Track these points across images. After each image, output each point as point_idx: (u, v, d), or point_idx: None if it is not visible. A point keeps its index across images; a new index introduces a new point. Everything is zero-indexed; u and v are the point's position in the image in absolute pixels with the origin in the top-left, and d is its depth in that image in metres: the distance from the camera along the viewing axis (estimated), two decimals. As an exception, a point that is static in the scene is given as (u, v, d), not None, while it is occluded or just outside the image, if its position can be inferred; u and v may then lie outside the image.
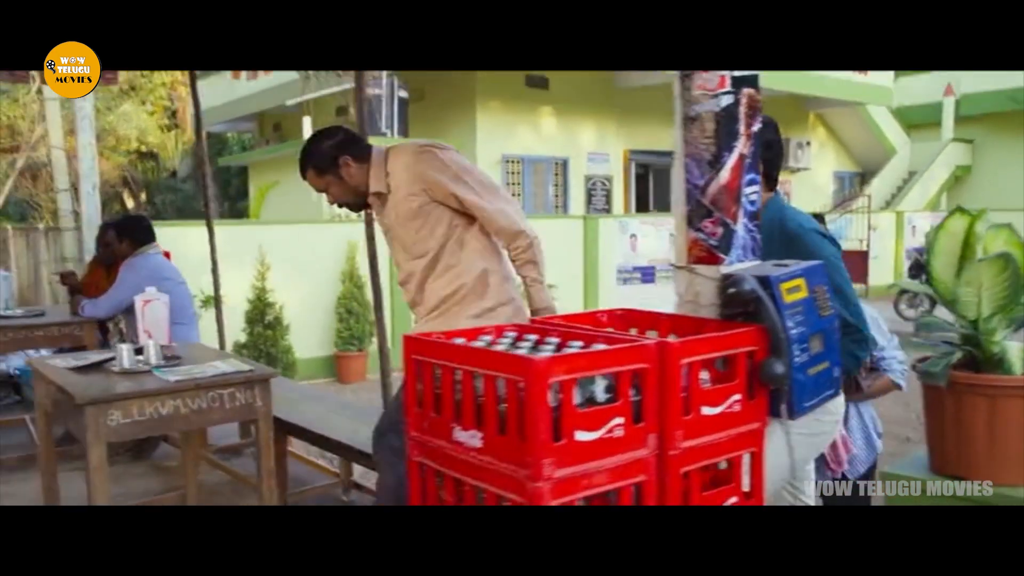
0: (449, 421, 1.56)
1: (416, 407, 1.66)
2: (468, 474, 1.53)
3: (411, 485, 1.70)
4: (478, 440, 1.50)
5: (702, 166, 1.81)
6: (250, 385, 2.70)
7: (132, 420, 2.50)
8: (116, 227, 4.30)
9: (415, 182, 2.52)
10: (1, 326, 3.99)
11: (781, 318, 1.68)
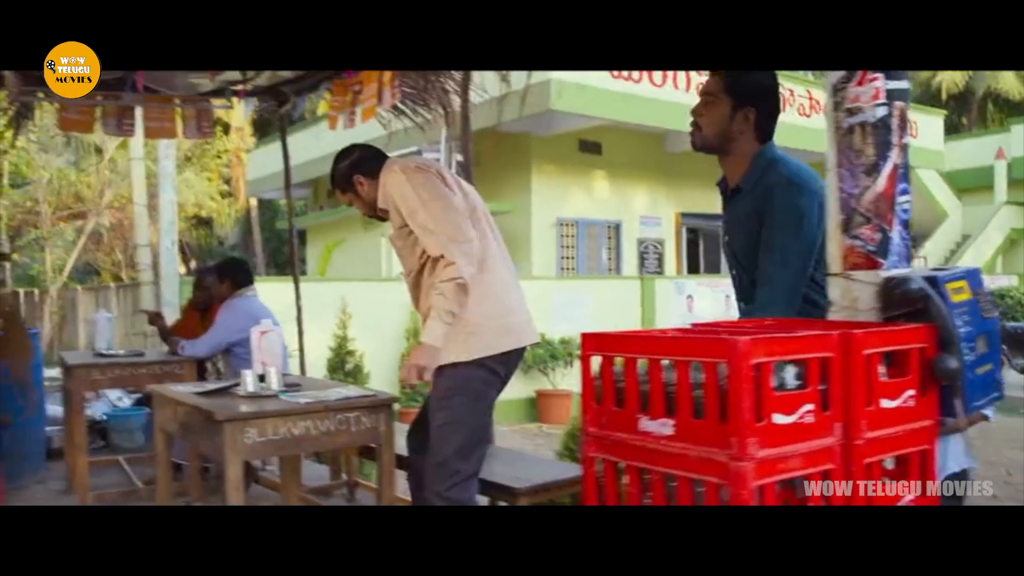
0: (634, 413, 1.60)
1: (594, 403, 1.71)
2: (656, 463, 1.56)
3: (587, 482, 1.73)
4: (669, 428, 1.53)
5: (856, 175, 1.87)
6: (375, 410, 2.76)
7: (266, 439, 2.56)
8: (217, 269, 4.46)
9: (391, 203, 2.71)
10: (108, 364, 4.12)
11: (950, 316, 1.71)
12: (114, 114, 4.89)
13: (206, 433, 2.64)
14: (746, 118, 2.19)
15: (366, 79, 4.18)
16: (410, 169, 2.72)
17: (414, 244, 2.69)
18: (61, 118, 4.80)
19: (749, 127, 2.20)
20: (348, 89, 4.40)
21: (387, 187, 2.73)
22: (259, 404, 2.73)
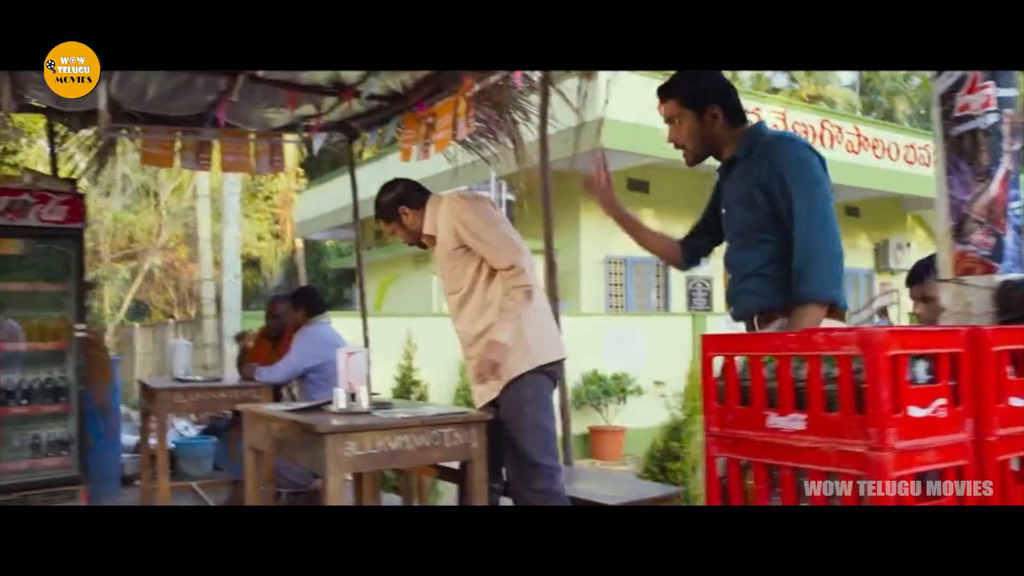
0: (762, 410, 1.63)
1: (716, 403, 1.73)
2: (786, 458, 1.58)
3: (710, 483, 1.74)
4: (800, 422, 1.55)
5: (967, 182, 1.89)
6: (467, 426, 2.79)
7: (365, 453, 2.61)
8: (292, 298, 4.56)
9: (449, 229, 2.97)
10: (190, 388, 4.22)
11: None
12: (193, 149, 5.08)
13: (306, 447, 2.70)
14: (714, 116, 2.29)
15: (439, 111, 4.30)
16: (470, 197, 3.07)
17: (466, 265, 2.97)
18: (144, 153, 4.99)
19: (720, 121, 2.30)
20: (420, 122, 4.52)
21: (444, 215, 3.00)
22: (353, 420, 2.78)
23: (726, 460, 1.72)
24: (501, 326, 2.86)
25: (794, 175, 2.15)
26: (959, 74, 1.88)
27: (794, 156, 2.19)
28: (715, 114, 2.30)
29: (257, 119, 4.97)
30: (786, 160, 2.17)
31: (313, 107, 4.78)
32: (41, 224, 3.99)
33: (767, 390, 1.63)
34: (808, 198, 2.13)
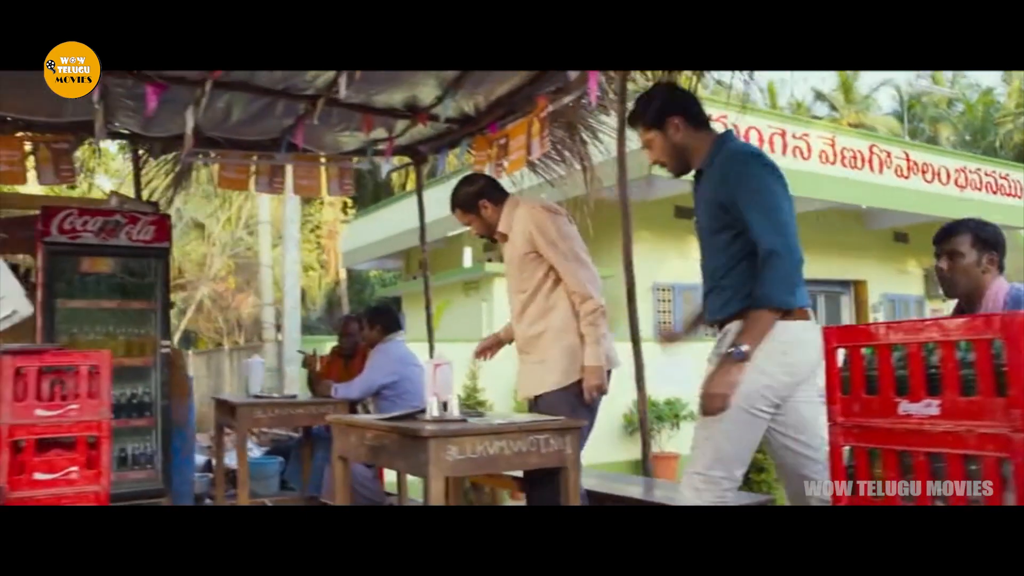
0: (892, 398, 1.66)
1: (840, 394, 1.76)
2: (920, 444, 1.60)
3: (836, 472, 1.77)
4: (935, 408, 1.58)
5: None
6: (562, 433, 2.83)
7: (466, 457, 2.65)
8: (369, 315, 4.66)
9: (524, 233, 3.09)
10: (268, 403, 4.32)
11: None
12: (267, 173, 5.24)
13: (405, 452, 2.75)
14: (676, 127, 2.43)
15: (512, 132, 4.39)
16: (551, 209, 3.16)
17: (535, 269, 3.12)
18: (220, 177, 5.15)
19: (684, 131, 2.44)
20: (492, 143, 4.62)
21: (521, 218, 3.13)
22: (450, 426, 2.82)
23: (852, 449, 1.75)
24: (589, 351, 3.04)
25: (746, 194, 2.25)
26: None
27: (744, 173, 2.29)
28: (676, 124, 2.44)
29: (330, 143, 5.11)
30: (735, 177, 2.29)
31: (385, 130, 4.91)
32: (131, 244, 4.13)
33: (896, 378, 1.66)
34: (760, 211, 2.21)
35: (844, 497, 1.74)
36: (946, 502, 1.55)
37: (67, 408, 2.43)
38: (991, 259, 2.51)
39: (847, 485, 1.74)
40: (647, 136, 2.51)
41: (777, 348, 2.18)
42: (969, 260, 2.51)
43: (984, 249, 2.51)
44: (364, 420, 3.09)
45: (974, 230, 2.54)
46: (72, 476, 2.44)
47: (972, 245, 2.52)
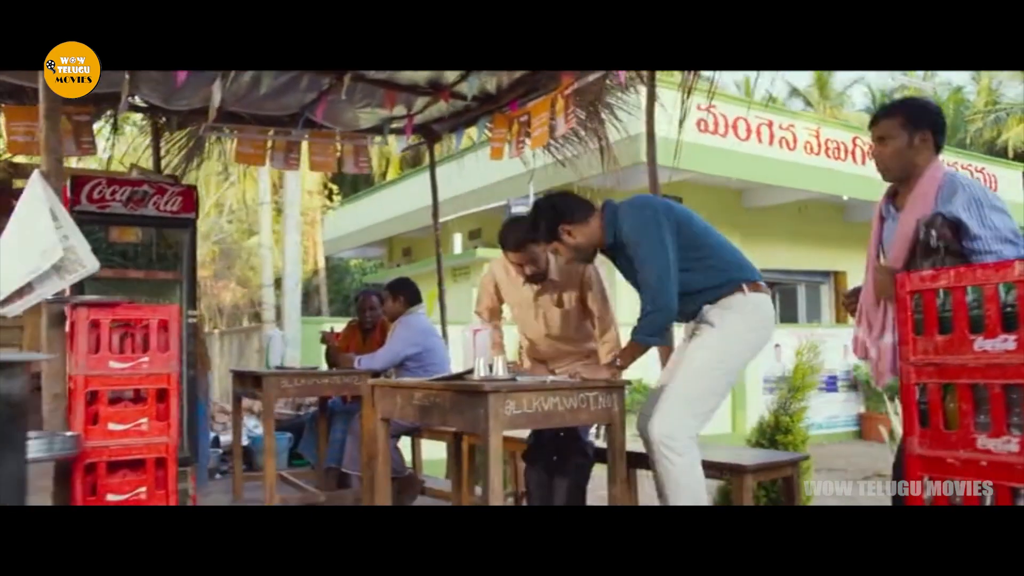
0: (966, 336, 1.78)
1: (913, 335, 1.88)
2: (996, 376, 1.72)
3: (908, 408, 1.88)
4: (1011, 343, 1.70)
5: None
6: (610, 391, 2.93)
7: (523, 412, 2.74)
8: (391, 287, 4.72)
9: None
10: (295, 374, 4.38)
11: None
12: (283, 149, 5.27)
13: (463, 408, 2.83)
14: (570, 233, 2.93)
15: (535, 110, 4.48)
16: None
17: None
18: (237, 152, 5.18)
19: (576, 231, 2.93)
20: (513, 121, 4.70)
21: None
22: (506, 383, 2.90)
23: (924, 386, 1.87)
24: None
25: (632, 244, 2.82)
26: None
27: (631, 239, 2.82)
28: (568, 231, 2.92)
29: (348, 120, 5.16)
30: (631, 244, 2.82)
31: (404, 107, 4.97)
32: (159, 214, 4.15)
33: (970, 317, 1.79)
34: (639, 262, 2.80)
35: (916, 431, 1.86)
36: (1022, 431, 1.68)
37: (139, 361, 2.48)
38: (923, 138, 2.43)
39: (920, 420, 1.86)
40: (549, 249, 2.99)
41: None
42: (900, 142, 2.44)
43: (915, 128, 2.43)
44: (411, 381, 3.17)
45: (904, 110, 2.50)
46: (143, 428, 2.49)
47: (902, 126, 2.45)
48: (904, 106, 2.57)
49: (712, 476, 3.05)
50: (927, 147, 2.44)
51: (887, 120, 2.49)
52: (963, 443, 1.77)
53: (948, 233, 2.21)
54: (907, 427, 1.89)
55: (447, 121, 5.31)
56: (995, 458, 1.71)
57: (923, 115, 2.48)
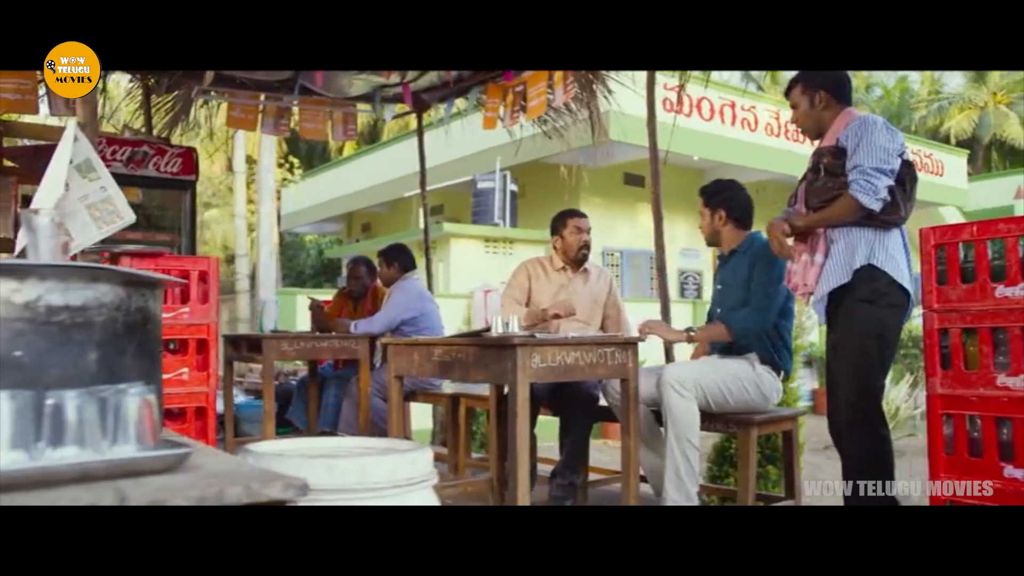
0: (988, 284, 1.95)
1: (936, 284, 2.05)
2: (1017, 320, 1.90)
3: (930, 350, 2.06)
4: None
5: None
6: (625, 347, 3.08)
7: (547, 365, 2.87)
8: (386, 254, 4.79)
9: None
10: (295, 337, 4.42)
11: None
12: (273, 114, 5.26)
13: (488, 362, 2.94)
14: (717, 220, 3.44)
15: (531, 80, 4.56)
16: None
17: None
18: (229, 116, 5.16)
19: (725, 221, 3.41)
20: (507, 91, 4.79)
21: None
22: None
23: (946, 331, 2.05)
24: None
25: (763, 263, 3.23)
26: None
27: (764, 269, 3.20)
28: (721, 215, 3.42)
29: (341, 86, 5.18)
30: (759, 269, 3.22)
31: (399, 75, 5.01)
32: (159, 175, 4.16)
33: (992, 268, 1.97)
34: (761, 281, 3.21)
35: (938, 372, 2.04)
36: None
37: (180, 311, 2.53)
38: (821, 97, 2.77)
39: (942, 362, 2.04)
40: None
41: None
42: (804, 105, 2.82)
43: (813, 91, 2.79)
44: (430, 339, 3.27)
45: (801, 78, 2.86)
46: (184, 377, 2.54)
47: (803, 93, 2.82)
48: (801, 74, 2.89)
49: (719, 429, 3.23)
50: (828, 103, 2.78)
51: (791, 90, 2.88)
52: (984, 382, 1.95)
53: (829, 159, 2.62)
54: (929, 369, 2.06)
55: (438, 90, 5.36)
56: (1014, 394, 1.89)
57: (816, 78, 2.81)
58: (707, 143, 11.55)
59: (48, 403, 0.90)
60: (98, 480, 0.87)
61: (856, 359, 2.47)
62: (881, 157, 2.47)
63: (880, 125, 2.59)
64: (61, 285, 1.14)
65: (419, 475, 1.31)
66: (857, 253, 2.47)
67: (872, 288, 2.43)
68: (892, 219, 2.49)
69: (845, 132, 2.63)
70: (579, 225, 3.82)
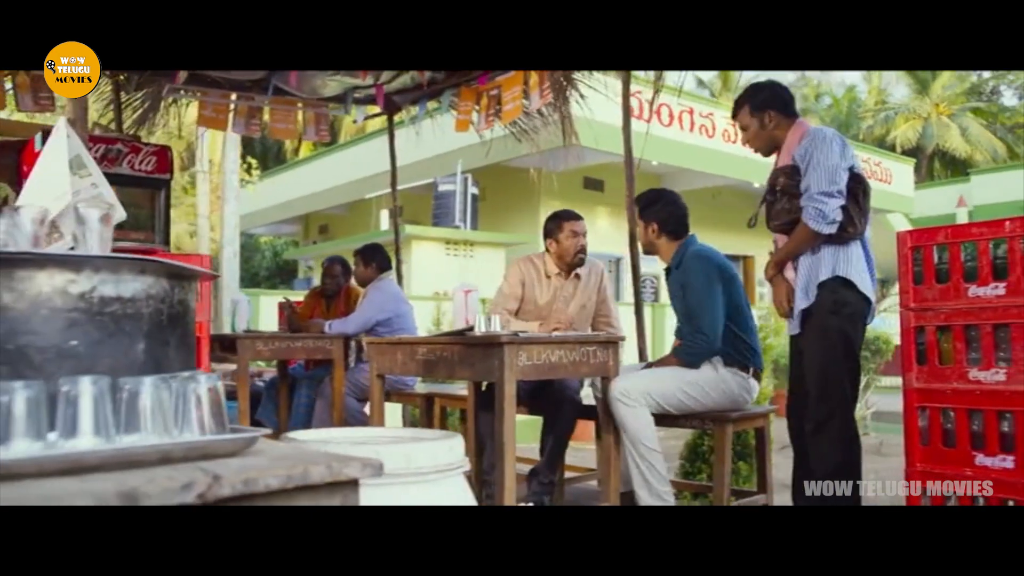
0: (961, 284, 2.08)
1: (913, 284, 2.17)
2: (987, 318, 2.02)
3: (906, 347, 2.18)
4: (1001, 289, 2.00)
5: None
6: (606, 346, 3.16)
7: (532, 363, 2.93)
8: (362, 253, 4.81)
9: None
10: (270, 337, 4.42)
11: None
12: (244, 114, 5.25)
13: (475, 360, 2.99)
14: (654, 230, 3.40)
15: (506, 84, 4.63)
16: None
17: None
18: (200, 115, 5.14)
19: (654, 239, 3.43)
20: (481, 95, 4.84)
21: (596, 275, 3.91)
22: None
23: (922, 328, 2.16)
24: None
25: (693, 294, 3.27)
26: None
27: (692, 280, 3.24)
28: (653, 229, 3.43)
29: (315, 87, 5.18)
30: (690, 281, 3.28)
31: (373, 77, 5.03)
32: (133, 173, 4.12)
33: (964, 269, 2.09)
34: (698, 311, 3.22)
35: (914, 368, 2.16)
36: (1009, 363, 1.99)
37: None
38: (770, 116, 2.85)
39: (917, 357, 2.15)
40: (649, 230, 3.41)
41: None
42: (754, 126, 2.90)
43: (761, 110, 2.88)
44: (414, 338, 3.31)
45: (746, 100, 2.94)
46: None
47: (750, 114, 2.91)
48: (745, 97, 2.98)
49: (695, 426, 3.33)
50: (778, 121, 2.87)
51: (739, 113, 2.96)
52: (957, 376, 2.07)
53: (785, 179, 2.72)
54: (905, 365, 2.18)
55: (411, 92, 5.40)
56: (985, 387, 2.02)
57: (760, 98, 2.91)
58: (666, 148, 11.74)
59: (125, 390, 0.94)
60: (176, 462, 0.91)
61: (824, 366, 2.59)
62: (829, 179, 2.56)
63: (830, 140, 2.67)
64: (113, 277, 1.17)
65: (457, 461, 1.37)
66: (822, 269, 2.59)
67: (836, 299, 2.56)
68: (849, 235, 2.60)
69: (799, 148, 2.72)
70: (575, 229, 3.65)
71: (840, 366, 2.57)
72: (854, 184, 2.63)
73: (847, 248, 2.60)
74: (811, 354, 2.67)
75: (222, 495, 0.80)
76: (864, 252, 2.65)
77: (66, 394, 0.91)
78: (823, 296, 2.57)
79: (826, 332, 2.58)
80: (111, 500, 0.75)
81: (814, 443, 2.64)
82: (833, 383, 2.57)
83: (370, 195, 13.22)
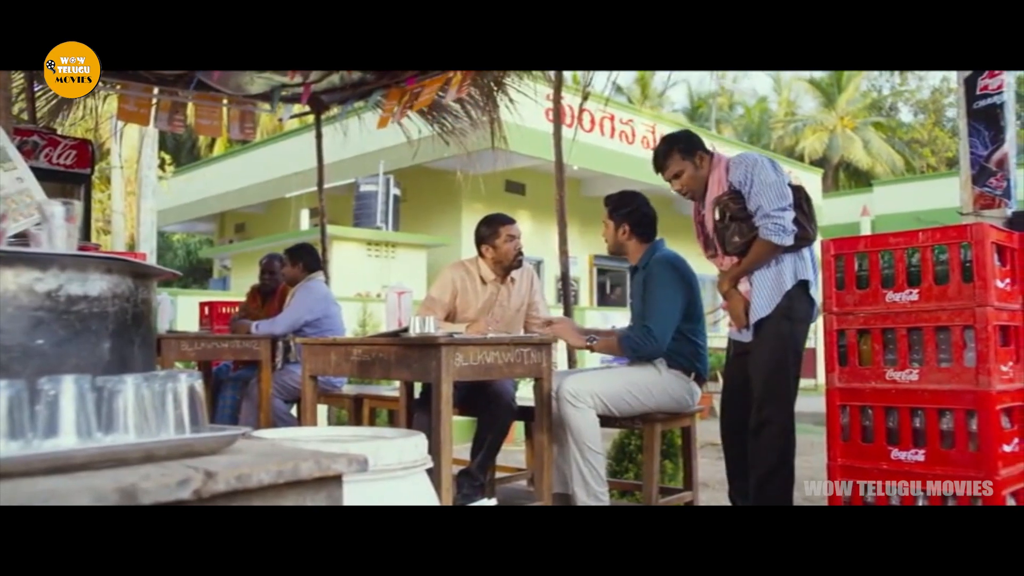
0: (879, 290, 2.22)
1: (836, 289, 2.30)
2: (903, 322, 2.17)
3: (830, 347, 2.30)
4: (915, 295, 2.15)
5: (984, 142, 2.60)
6: (539, 347, 3.22)
7: (468, 364, 2.97)
8: (291, 253, 4.75)
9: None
10: (196, 337, 4.32)
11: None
12: (167, 109, 5.12)
13: (411, 361, 3.01)
14: (626, 232, 3.33)
15: (429, 84, 4.64)
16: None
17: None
18: (120, 109, 4.98)
19: (623, 240, 3.36)
20: (407, 92, 4.84)
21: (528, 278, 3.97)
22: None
23: (843, 331, 2.30)
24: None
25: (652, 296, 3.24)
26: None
27: (654, 284, 3.22)
28: (625, 229, 3.37)
29: (239, 84, 5.09)
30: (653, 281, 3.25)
31: (302, 76, 4.98)
32: (51, 167, 3.98)
33: (883, 276, 2.23)
34: (653, 310, 3.22)
35: (836, 368, 2.29)
36: (922, 364, 2.14)
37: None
38: (700, 157, 2.99)
39: (839, 359, 2.29)
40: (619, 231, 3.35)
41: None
42: (690, 170, 3.01)
43: (691, 154, 3.00)
44: (348, 339, 3.30)
45: (676, 146, 3.05)
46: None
47: (683, 159, 3.01)
48: (673, 143, 3.10)
49: (625, 426, 3.42)
50: (705, 160, 3.02)
51: (669, 160, 3.06)
52: (875, 376, 2.21)
53: (732, 204, 2.83)
54: (828, 365, 2.31)
55: (339, 92, 5.36)
56: (900, 386, 2.16)
57: (688, 142, 3.06)
58: (587, 153, 11.93)
59: (106, 388, 0.94)
60: (161, 460, 0.92)
61: (773, 369, 2.72)
62: (777, 193, 2.71)
63: (762, 162, 2.83)
64: (80, 275, 1.16)
65: (421, 458, 1.40)
66: (786, 279, 2.71)
67: (791, 305, 2.70)
68: (802, 242, 2.76)
69: (733, 175, 2.85)
70: (512, 232, 3.65)
71: (787, 369, 2.72)
72: (796, 195, 2.78)
73: (802, 253, 2.76)
74: (761, 356, 2.79)
75: (217, 490, 0.82)
76: (811, 257, 2.82)
77: (46, 393, 0.91)
78: (781, 303, 2.70)
79: (779, 337, 2.72)
80: (110, 497, 0.76)
81: (755, 441, 2.76)
82: (780, 384, 2.71)
83: (290, 194, 13.00)
